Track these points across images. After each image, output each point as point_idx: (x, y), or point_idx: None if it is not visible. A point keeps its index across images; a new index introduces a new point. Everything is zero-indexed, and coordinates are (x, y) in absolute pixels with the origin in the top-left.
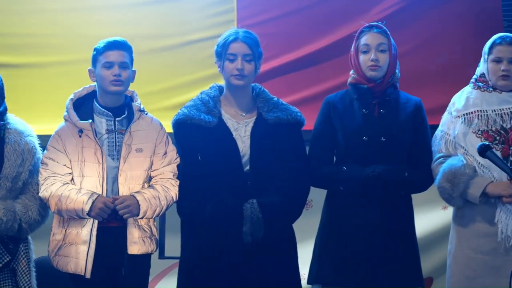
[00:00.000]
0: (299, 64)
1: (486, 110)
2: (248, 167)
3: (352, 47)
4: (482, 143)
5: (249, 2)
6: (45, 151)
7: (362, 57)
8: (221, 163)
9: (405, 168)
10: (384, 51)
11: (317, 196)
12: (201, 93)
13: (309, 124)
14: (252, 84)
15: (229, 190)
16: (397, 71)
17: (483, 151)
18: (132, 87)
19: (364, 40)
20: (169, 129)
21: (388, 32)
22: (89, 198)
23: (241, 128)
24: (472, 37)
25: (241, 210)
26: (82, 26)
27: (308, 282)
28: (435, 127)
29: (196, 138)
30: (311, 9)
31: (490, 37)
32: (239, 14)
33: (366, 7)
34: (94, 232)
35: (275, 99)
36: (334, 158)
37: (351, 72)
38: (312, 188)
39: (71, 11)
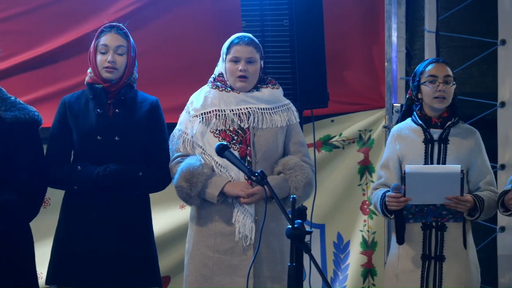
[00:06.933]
0: (37, 63)
1: (224, 110)
2: None
3: (92, 46)
4: (220, 142)
5: None
6: None
7: (99, 57)
8: None
9: (140, 168)
10: (122, 54)
11: (55, 195)
12: None
13: (47, 122)
14: None
15: None
16: (135, 71)
17: (221, 151)
18: None
19: (103, 40)
20: None
21: (129, 34)
22: None
23: None
24: (212, 37)
25: None
26: None
27: (46, 283)
28: (174, 125)
29: None
30: (50, 7)
31: (229, 36)
32: None
33: (104, 5)
34: None
35: (13, 98)
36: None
37: (89, 70)
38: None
39: None
